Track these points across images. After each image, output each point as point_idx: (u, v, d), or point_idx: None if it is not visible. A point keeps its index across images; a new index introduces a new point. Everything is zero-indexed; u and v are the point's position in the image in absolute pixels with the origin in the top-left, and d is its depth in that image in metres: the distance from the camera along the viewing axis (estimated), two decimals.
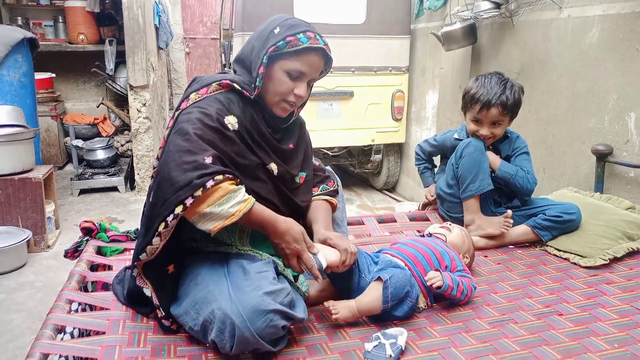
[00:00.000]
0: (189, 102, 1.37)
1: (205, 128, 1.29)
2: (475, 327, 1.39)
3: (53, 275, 2.77)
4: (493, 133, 1.96)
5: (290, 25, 1.37)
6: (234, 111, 1.37)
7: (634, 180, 2.25)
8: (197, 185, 1.19)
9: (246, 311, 1.16)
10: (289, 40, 1.34)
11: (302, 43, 1.34)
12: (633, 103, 2.22)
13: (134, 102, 4.21)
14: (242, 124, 1.38)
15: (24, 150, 3.06)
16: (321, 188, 1.62)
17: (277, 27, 1.37)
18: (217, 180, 1.21)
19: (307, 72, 1.39)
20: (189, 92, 1.40)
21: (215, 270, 1.31)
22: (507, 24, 2.98)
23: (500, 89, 1.90)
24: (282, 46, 1.34)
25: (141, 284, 1.32)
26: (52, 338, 1.24)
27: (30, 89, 3.61)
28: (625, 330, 1.37)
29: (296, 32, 1.35)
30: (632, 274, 1.73)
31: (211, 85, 1.39)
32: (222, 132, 1.32)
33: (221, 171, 1.24)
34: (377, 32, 3.95)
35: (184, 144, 1.25)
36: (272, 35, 1.36)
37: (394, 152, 4.39)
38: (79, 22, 4.89)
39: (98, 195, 4.28)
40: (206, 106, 1.34)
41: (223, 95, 1.39)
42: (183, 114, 1.34)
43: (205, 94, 1.38)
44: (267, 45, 1.35)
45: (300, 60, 1.37)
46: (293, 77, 1.38)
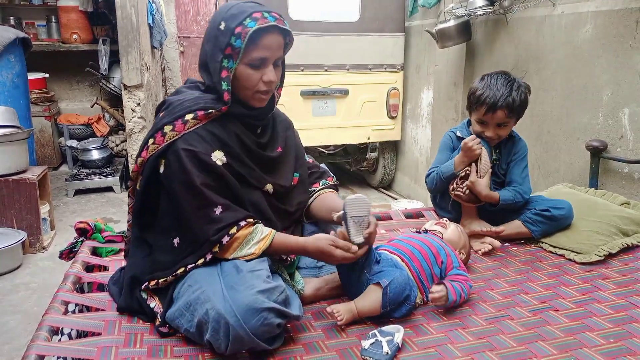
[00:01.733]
0: (166, 139, 1.32)
1: (205, 173, 1.32)
2: (472, 324, 1.40)
3: (49, 277, 2.76)
4: (498, 134, 1.93)
5: (234, 15, 1.30)
6: (219, 143, 1.35)
7: (629, 175, 2.26)
8: (214, 242, 1.29)
9: (240, 310, 1.16)
10: (238, 33, 1.28)
11: (250, 28, 1.28)
12: (627, 99, 2.23)
13: (128, 102, 4.19)
14: (229, 153, 1.36)
15: (17, 151, 3.04)
16: (322, 183, 1.64)
17: (222, 21, 1.31)
18: (232, 234, 1.30)
19: (268, 55, 1.33)
20: (162, 123, 1.34)
21: (208, 270, 1.31)
22: (501, 21, 2.99)
23: (506, 91, 1.84)
24: (238, 44, 1.29)
25: (150, 301, 1.37)
26: (47, 339, 1.23)
27: (23, 89, 3.58)
28: (621, 325, 1.38)
29: (242, 19, 1.29)
30: (626, 269, 1.74)
31: (187, 120, 1.33)
32: (216, 172, 1.33)
33: (234, 222, 1.31)
34: (372, 30, 3.95)
35: (193, 199, 1.30)
36: (219, 32, 1.31)
37: (389, 149, 4.39)
38: (72, 22, 4.86)
39: (93, 195, 4.26)
40: (190, 146, 1.30)
41: (202, 129, 1.34)
42: (172, 160, 1.30)
43: (182, 130, 1.32)
44: (221, 46, 1.30)
45: (258, 47, 1.31)
46: (255, 66, 1.33)
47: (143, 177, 1.37)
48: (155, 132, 1.34)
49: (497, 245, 1.90)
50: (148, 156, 1.34)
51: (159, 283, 1.34)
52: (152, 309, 1.35)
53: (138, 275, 1.39)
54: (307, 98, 3.87)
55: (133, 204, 1.43)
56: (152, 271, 1.37)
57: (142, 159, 1.36)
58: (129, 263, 1.45)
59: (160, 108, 1.43)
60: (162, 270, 1.35)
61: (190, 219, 1.31)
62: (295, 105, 3.77)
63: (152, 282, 1.35)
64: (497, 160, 2.02)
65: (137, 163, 1.37)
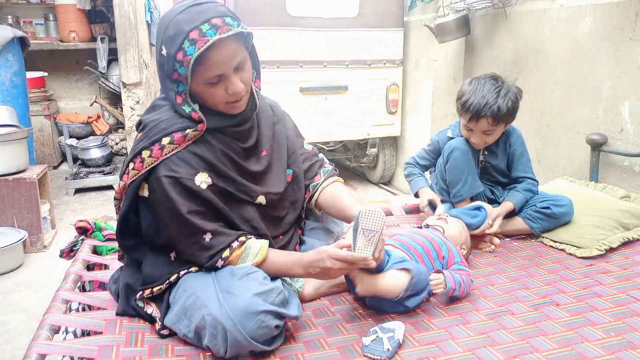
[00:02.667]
0: (145, 165, 1.24)
1: (190, 200, 1.25)
2: (473, 319, 1.40)
3: (50, 276, 2.76)
4: (485, 141, 1.90)
5: (170, 38, 1.17)
6: (202, 164, 1.28)
7: (629, 169, 2.25)
8: (209, 268, 1.29)
9: (236, 314, 1.15)
10: (180, 61, 1.17)
11: (190, 56, 1.15)
12: (627, 92, 2.22)
13: (127, 100, 4.18)
14: (215, 172, 1.30)
15: (17, 150, 3.04)
16: (323, 173, 1.60)
17: (162, 45, 1.19)
18: (225, 257, 1.29)
19: (223, 70, 1.20)
20: (140, 147, 1.26)
21: (203, 275, 1.30)
22: (500, 15, 2.97)
23: (492, 98, 1.77)
24: (183, 72, 1.18)
25: (147, 308, 1.36)
26: (49, 339, 1.23)
27: (22, 88, 3.58)
28: (622, 319, 1.38)
29: (179, 43, 1.15)
30: (627, 263, 1.73)
31: (164, 145, 1.24)
32: (201, 197, 1.27)
33: (226, 246, 1.30)
34: (371, 25, 3.93)
35: (181, 227, 1.27)
36: (162, 59, 1.20)
37: (389, 145, 4.38)
38: (70, 20, 4.84)
39: (94, 194, 4.26)
40: (171, 172, 1.24)
41: (182, 152, 1.26)
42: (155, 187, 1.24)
43: (160, 156, 1.24)
44: (168, 73, 1.21)
45: (207, 68, 1.19)
46: (215, 83, 1.22)
47: (125, 201, 1.31)
48: (134, 156, 1.27)
49: (496, 242, 1.89)
50: (129, 181, 1.28)
51: (154, 292, 1.33)
52: (150, 314, 1.35)
53: (132, 284, 1.39)
54: (306, 94, 3.86)
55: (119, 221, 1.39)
56: (147, 282, 1.35)
57: (124, 183, 1.29)
58: (123, 272, 1.45)
59: (137, 128, 1.34)
60: (158, 280, 1.33)
61: (180, 245, 1.29)
62: (294, 101, 3.77)
63: (147, 292, 1.34)
64: (486, 162, 1.99)
65: (120, 186, 1.33)
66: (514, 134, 2.00)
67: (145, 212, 1.33)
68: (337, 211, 1.53)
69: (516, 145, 1.98)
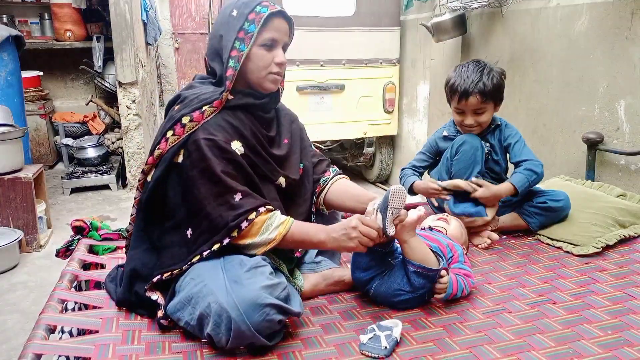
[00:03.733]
0: (186, 129, 1.34)
1: (225, 161, 1.34)
2: (470, 318, 1.40)
3: (46, 275, 2.75)
4: (478, 122, 1.92)
5: (245, 3, 1.38)
6: (236, 133, 1.39)
7: (625, 167, 2.26)
8: (232, 228, 1.30)
9: (243, 305, 1.15)
10: (252, 19, 1.36)
11: (263, 13, 1.36)
12: (623, 91, 2.23)
13: (124, 99, 4.17)
14: (246, 144, 1.40)
15: (12, 150, 3.02)
16: (332, 171, 1.68)
17: (234, 9, 1.39)
18: (251, 220, 1.31)
19: (278, 37, 1.41)
20: (180, 114, 1.36)
21: (212, 264, 1.30)
22: (497, 14, 2.98)
23: (477, 77, 1.86)
24: (252, 28, 1.36)
25: (150, 294, 1.36)
26: (44, 338, 1.22)
27: (17, 87, 3.56)
28: (618, 317, 1.38)
29: (253, 6, 1.37)
30: (624, 261, 1.74)
31: (204, 110, 1.36)
32: (235, 160, 1.36)
33: (253, 208, 1.32)
34: (367, 24, 3.93)
35: (213, 186, 1.31)
36: (231, 19, 1.38)
37: (386, 144, 4.39)
38: (66, 19, 4.82)
39: (90, 193, 4.25)
40: (211, 135, 1.33)
41: (220, 117, 1.38)
42: (192, 150, 1.32)
43: (201, 119, 1.36)
44: (233, 30, 1.37)
45: (269, 29, 1.38)
46: (268, 46, 1.40)
47: (158, 169, 1.37)
48: (174, 124, 1.36)
49: (495, 238, 1.90)
50: (168, 148, 1.35)
51: (173, 274, 1.33)
52: (155, 300, 1.34)
53: (138, 268, 1.39)
54: (303, 93, 3.86)
55: (140, 196, 1.42)
56: (167, 265, 1.35)
57: (161, 151, 1.36)
58: (130, 255, 1.44)
59: (175, 102, 1.44)
60: (177, 263, 1.34)
61: (207, 206, 1.31)
62: (291, 100, 3.76)
63: (166, 274, 1.34)
64: (489, 154, 2.00)
65: (154, 155, 1.37)
66: (507, 128, 2.01)
67: (175, 182, 1.36)
68: (352, 197, 1.57)
69: (510, 136, 1.99)
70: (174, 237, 1.38)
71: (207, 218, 1.31)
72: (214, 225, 1.31)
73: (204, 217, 1.32)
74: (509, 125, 2.02)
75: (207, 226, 1.32)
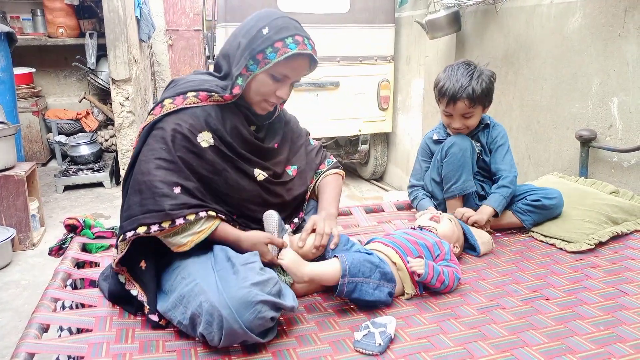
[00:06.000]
0: (163, 110, 1.37)
1: (184, 150, 1.34)
2: (464, 314, 1.40)
3: (39, 274, 2.73)
4: (465, 125, 1.91)
5: (279, 28, 1.35)
6: (210, 125, 1.39)
7: (618, 164, 2.27)
8: (167, 216, 1.29)
9: (234, 303, 1.15)
10: (277, 48, 1.33)
11: (290, 50, 1.34)
12: (616, 88, 2.24)
13: (117, 96, 4.15)
14: (219, 137, 1.40)
15: (4, 147, 3.00)
16: (327, 163, 1.71)
17: (266, 26, 1.35)
18: (188, 220, 1.31)
19: (291, 76, 1.41)
20: (164, 96, 1.40)
21: (202, 263, 1.30)
22: (491, 11, 2.98)
23: (466, 81, 1.83)
24: (272, 57, 1.33)
25: (130, 286, 1.37)
26: (37, 337, 1.22)
27: (9, 84, 3.54)
28: (611, 313, 1.39)
29: (285, 36, 1.34)
30: (616, 257, 1.75)
31: (187, 97, 1.38)
32: (194, 151, 1.36)
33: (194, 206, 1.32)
34: (362, 21, 3.93)
35: (158, 171, 1.31)
36: (260, 35, 1.35)
37: (381, 141, 4.39)
38: (58, 15, 4.78)
39: (83, 191, 4.23)
40: (180, 121, 1.35)
41: (200, 108, 1.38)
42: (157, 128, 1.36)
43: (180, 104, 1.37)
44: (255, 48, 1.34)
45: (286, 66, 1.37)
46: (277, 79, 1.39)
47: (136, 149, 1.39)
48: (156, 105, 1.40)
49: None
50: (143, 126, 1.38)
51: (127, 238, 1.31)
52: (136, 297, 1.35)
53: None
54: (297, 90, 3.85)
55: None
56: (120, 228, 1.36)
57: (140, 130, 1.39)
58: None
59: (167, 86, 1.47)
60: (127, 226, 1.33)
61: (144, 184, 1.30)
62: None
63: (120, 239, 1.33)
64: (481, 154, 2.00)
65: (137, 136, 1.41)
66: (495, 129, 2.01)
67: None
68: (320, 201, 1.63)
69: (497, 139, 1.99)
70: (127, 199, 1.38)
71: (140, 194, 1.31)
72: (144, 204, 1.30)
73: (137, 192, 1.31)
74: (497, 126, 2.02)
75: (137, 202, 1.31)
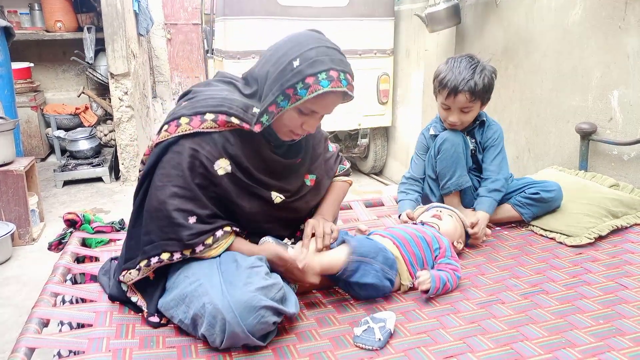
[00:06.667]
0: (179, 130, 1.29)
1: (200, 177, 1.30)
2: (463, 309, 1.40)
3: (39, 269, 2.73)
4: (462, 120, 1.89)
5: (312, 61, 1.23)
6: (228, 152, 1.32)
7: (618, 157, 2.27)
8: (187, 246, 1.28)
9: (238, 307, 1.15)
10: (308, 84, 1.23)
11: (322, 87, 1.23)
12: (616, 81, 2.23)
13: (116, 91, 4.13)
14: (237, 164, 1.33)
15: (3, 143, 2.99)
16: (339, 169, 1.69)
17: (298, 58, 1.24)
18: (207, 245, 1.30)
19: (321, 112, 1.32)
20: (181, 112, 1.31)
21: (207, 263, 1.30)
22: (491, 4, 2.97)
23: (469, 74, 1.80)
24: (302, 94, 1.24)
25: (131, 294, 1.36)
26: (37, 332, 1.22)
27: (7, 79, 3.52)
28: (610, 307, 1.39)
29: (318, 71, 1.23)
30: (616, 251, 1.75)
31: (206, 120, 1.29)
32: (210, 179, 1.31)
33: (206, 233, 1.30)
34: (361, 15, 3.91)
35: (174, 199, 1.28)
36: (289, 67, 1.24)
37: (380, 135, 4.38)
38: (56, 10, 4.76)
39: (82, 186, 4.22)
40: (197, 147, 1.28)
41: (218, 134, 1.31)
42: (173, 152, 1.29)
43: (197, 127, 1.29)
44: (285, 82, 1.24)
45: (317, 103, 1.28)
46: (305, 114, 1.31)
47: (147, 163, 1.34)
48: (172, 119, 1.32)
49: (487, 233, 1.89)
50: (157, 142, 1.32)
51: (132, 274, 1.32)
52: (135, 303, 1.35)
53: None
54: None
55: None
56: (124, 264, 1.35)
57: (152, 144, 1.34)
58: (123, 247, 1.44)
59: (184, 96, 1.40)
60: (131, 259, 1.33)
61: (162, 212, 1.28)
62: None
63: (124, 272, 1.33)
64: (475, 150, 1.99)
65: (149, 146, 1.36)
66: (492, 127, 1.99)
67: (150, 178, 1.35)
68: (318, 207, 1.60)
69: (490, 138, 1.97)
70: (133, 231, 1.37)
71: (157, 221, 1.28)
72: (164, 231, 1.28)
73: (155, 219, 1.29)
74: (493, 125, 1.99)
75: (156, 228, 1.29)
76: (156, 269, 1.33)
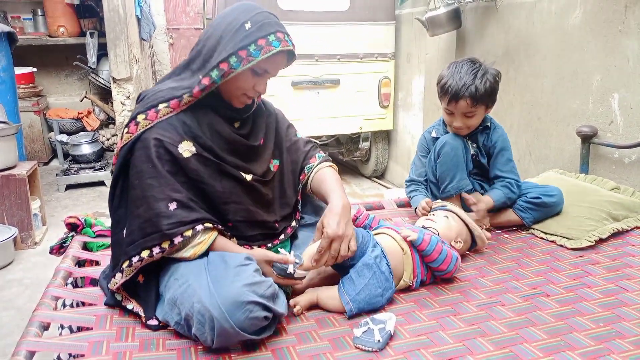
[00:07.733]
0: (139, 128, 1.33)
1: (169, 164, 1.33)
2: (463, 311, 1.40)
3: (41, 272, 2.74)
4: (466, 124, 1.89)
5: (261, 24, 1.32)
6: (189, 133, 1.36)
7: (619, 160, 2.27)
8: (165, 236, 1.28)
9: (225, 303, 1.15)
10: (261, 46, 1.30)
11: (274, 48, 1.31)
12: (617, 84, 2.23)
13: (118, 95, 4.16)
14: (200, 144, 1.37)
15: (6, 147, 3.01)
16: (318, 157, 1.65)
17: (248, 21, 1.32)
18: (186, 237, 1.29)
19: (272, 71, 1.39)
20: (136, 112, 1.36)
21: (195, 264, 1.30)
22: (491, 8, 2.98)
23: (470, 79, 1.79)
24: (256, 54, 1.30)
25: (126, 302, 1.37)
26: (38, 335, 1.22)
27: (10, 84, 3.54)
28: (611, 309, 1.39)
29: (267, 33, 1.32)
30: (617, 254, 1.75)
31: (159, 109, 1.35)
32: (179, 164, 1.34)
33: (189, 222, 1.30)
34: (362, 19, 3.92)
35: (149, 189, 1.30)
36: (242, 30, 1.31)
37: (382, 139, 4.39)
38: (59, 15, 4.79)
39: (85, 190, 4.24)
40: (158, 135, 1.32)
41: (175, 118, 1.36)
42: (138, 148, 1.32)
43: (155, 119, 1.34)
44: (237, 42, 1.30)
45: (269, 62, 1.35)
46: (257, 74, 1.37)
47: (116, 168, 1.38)
48: (130, 121, 1.36)
49: (487, 236, 1.89)
50: (121, 145, 1.36)
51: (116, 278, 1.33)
52: (132, 310, 1.35)
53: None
54: (298, 89, 3.85)
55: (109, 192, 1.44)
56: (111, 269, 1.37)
57: (117, 149, 1.38)
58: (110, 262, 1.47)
59: (137, 100, 1.45)
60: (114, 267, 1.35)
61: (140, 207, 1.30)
62: (286, 96, 3.76)
63: (112, 281, 1.34)
64: (476, 154, 1.98)
65: (115, 153, 1.39)
66: (496, 131, 1.97)
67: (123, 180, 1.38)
68: (322, 198, 1.57)
69: (497, 142, 1.96)
70: (114, 237, 1.39)
71: (138, 218, 1.30)
72: (142, 228, 1.29)
73: (136, 217, 1.31)
74: (498, 129, 1.98)
75: (137, 227, 1.30)
76: (145, 271, 1.34)
